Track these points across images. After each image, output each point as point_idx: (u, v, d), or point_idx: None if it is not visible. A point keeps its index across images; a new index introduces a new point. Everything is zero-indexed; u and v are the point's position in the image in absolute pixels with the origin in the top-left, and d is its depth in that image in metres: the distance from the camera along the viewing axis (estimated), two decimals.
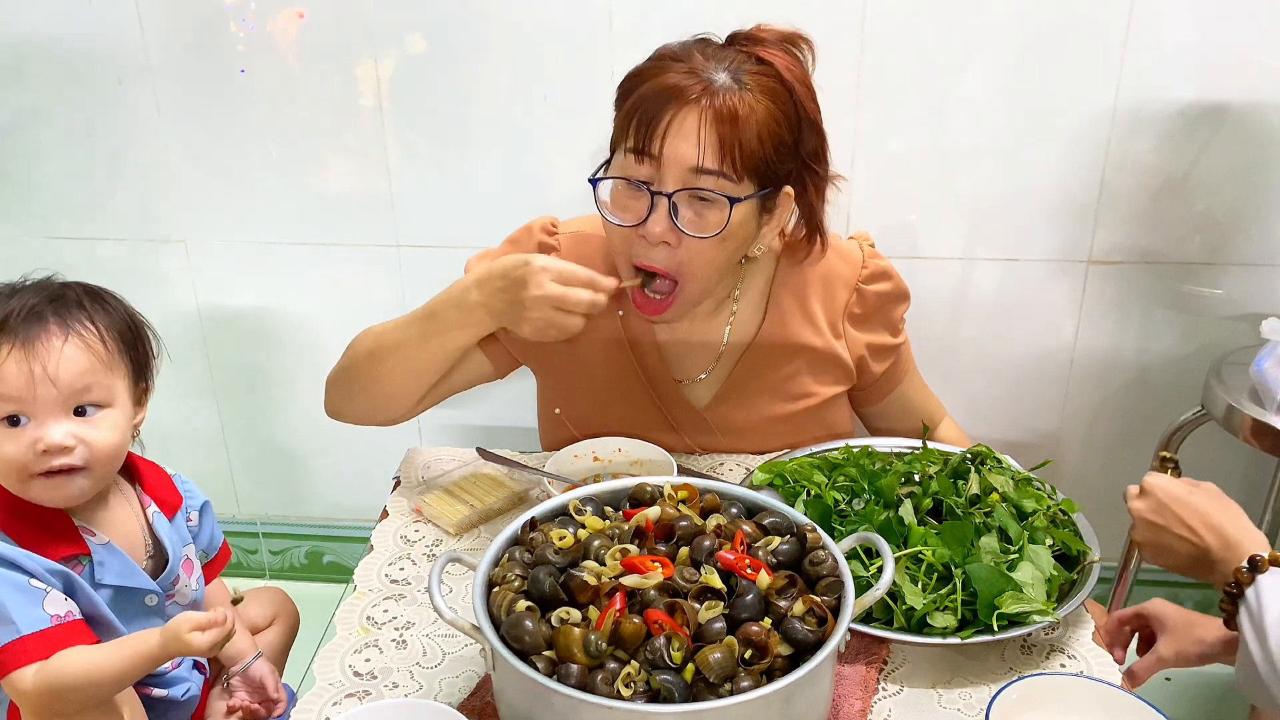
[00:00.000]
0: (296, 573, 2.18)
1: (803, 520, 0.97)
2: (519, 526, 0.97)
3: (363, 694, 1.01)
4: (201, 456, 2.04)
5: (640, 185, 1.17)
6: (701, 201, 1.17)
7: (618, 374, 1.38)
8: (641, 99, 1.16)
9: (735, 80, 1.16)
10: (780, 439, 1.40)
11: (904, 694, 1.01)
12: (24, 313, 1.04)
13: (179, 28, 1.69)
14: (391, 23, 1.65)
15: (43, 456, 1.03)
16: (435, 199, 1.77)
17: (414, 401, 1.31)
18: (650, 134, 1.15)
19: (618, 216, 1.21)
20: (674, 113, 1.14)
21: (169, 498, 1.21)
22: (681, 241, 1.18)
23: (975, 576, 1.04)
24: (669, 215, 1.17)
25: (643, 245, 1.20)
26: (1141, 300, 1.73)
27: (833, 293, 1.37)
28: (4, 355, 1.02)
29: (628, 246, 1.22)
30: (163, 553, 1.16)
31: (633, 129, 1.17)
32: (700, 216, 1.18)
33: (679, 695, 0.80)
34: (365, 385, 1.30)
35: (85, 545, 1.08)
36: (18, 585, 1.01)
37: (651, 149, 1.15)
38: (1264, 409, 1.46)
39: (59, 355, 1.03)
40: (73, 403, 1.05)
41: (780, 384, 1.38)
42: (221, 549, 1.29)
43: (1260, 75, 1.55)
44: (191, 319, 1.91)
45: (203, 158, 1.78)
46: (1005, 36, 1.57)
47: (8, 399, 1.02)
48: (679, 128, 1.14)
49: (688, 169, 1.15)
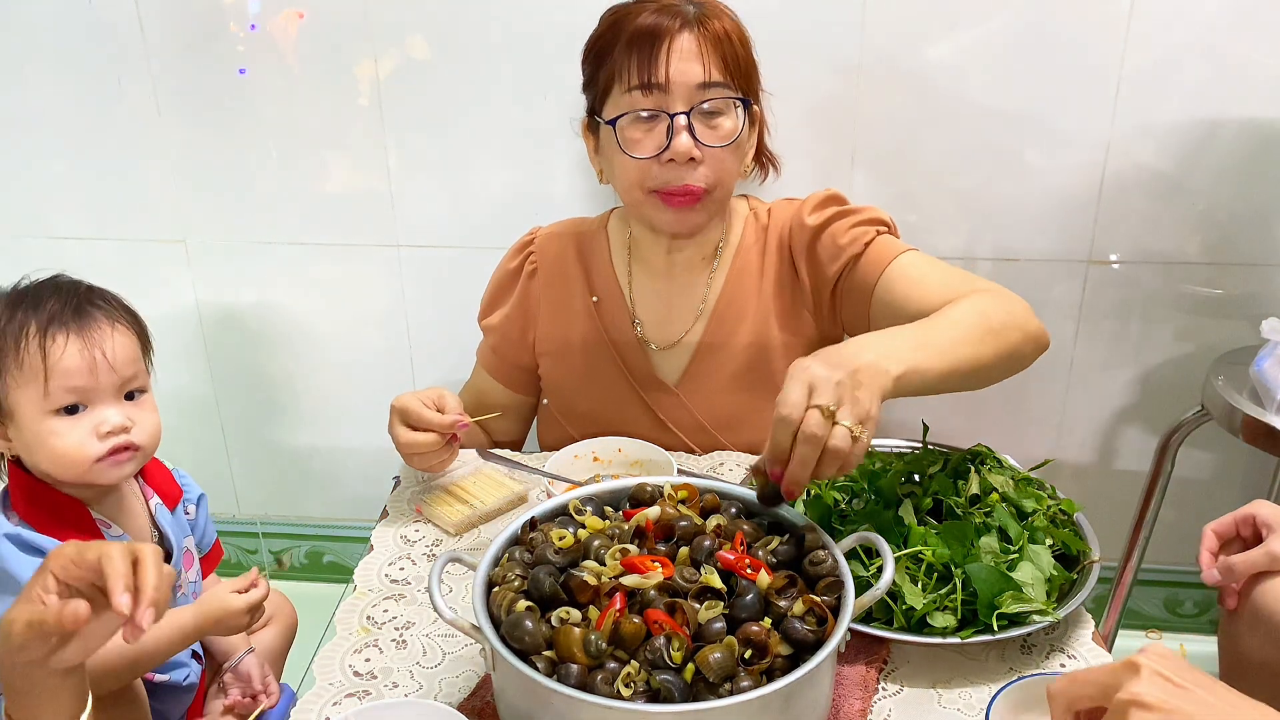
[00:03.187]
0: (296, 573, 2.18)
1: (803, 520, 0.97)
2: (519, 526, 0.97)
3: (363, 694, 1.01)
4: (201, 456, 2.04)
5: (655, 113, 1.25)
6: (712, 115, 1.26)
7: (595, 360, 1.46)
8: (634, 38, 1.25)
9: (699, 8, 1.27)
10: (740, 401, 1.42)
11: (904, 694, 1.01)
12: (71, 306, 1.09)
13: (179, 28, 1.69)
14: (391, 23, 1.65)
15: (106, 439, 1.08)
16: (435, 199, 1.77)
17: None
18: (654, 64, 1.23)
19: (639, 151, 1.27)
20: (670, 40, 1.23)
21: (169, 490, 1.23)
22: (705, 156, 1.26)
23: (975, 576, 1.04)
24: (689, 133, 1.24)
25: (669, 170, 1.27)
26: (1141, 300, 1.73)
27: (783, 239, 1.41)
28: (64, 346, 1.06)
29: (647, 181, 1.29)
30: (166, 544, 1.18)
31: (633, 67, 1.24)
32: (715, 128, 1.27)
33: (679, 695, 0.80)
34: None
35: (102, 536, 1.11)
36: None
37: (658, 78, 1.24)
38: (1264, 409, 1.46)
39: (112, 343, 1.09)
40: (125, 389, 1.11)
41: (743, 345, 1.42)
42: (215, 545, 1.31)
43: (1260, 75, 1.55)
44: (191, 319, 1.91)
45: (203, 158, 1.78)
46: (1006, 35, 1.57)
47: (73, 390, 1.07)
48: (679, 52, 1.23)
49: (694, 87, 1.24)
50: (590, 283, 1.46)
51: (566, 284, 1.46)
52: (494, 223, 1.74)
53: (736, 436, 1.43)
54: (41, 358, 1.05)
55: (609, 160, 1.33)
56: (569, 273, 1.46)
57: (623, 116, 1.27)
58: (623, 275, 1.45)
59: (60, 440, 1.07)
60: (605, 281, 1.45)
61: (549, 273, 1.47)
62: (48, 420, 1.07)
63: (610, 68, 1.28)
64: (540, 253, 1.47)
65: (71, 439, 1.07)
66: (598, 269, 1.46)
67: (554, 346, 1.47)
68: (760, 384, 1.41)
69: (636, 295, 1.45)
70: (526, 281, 1.47)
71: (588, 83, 1.35)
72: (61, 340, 1.06)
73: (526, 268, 1.47)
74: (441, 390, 1.28)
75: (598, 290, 1.45)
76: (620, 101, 1.28)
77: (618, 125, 1.28)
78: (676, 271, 1.43)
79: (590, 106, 1.36)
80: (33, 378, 1.05)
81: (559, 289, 1.46)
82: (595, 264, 1.46)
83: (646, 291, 1.44)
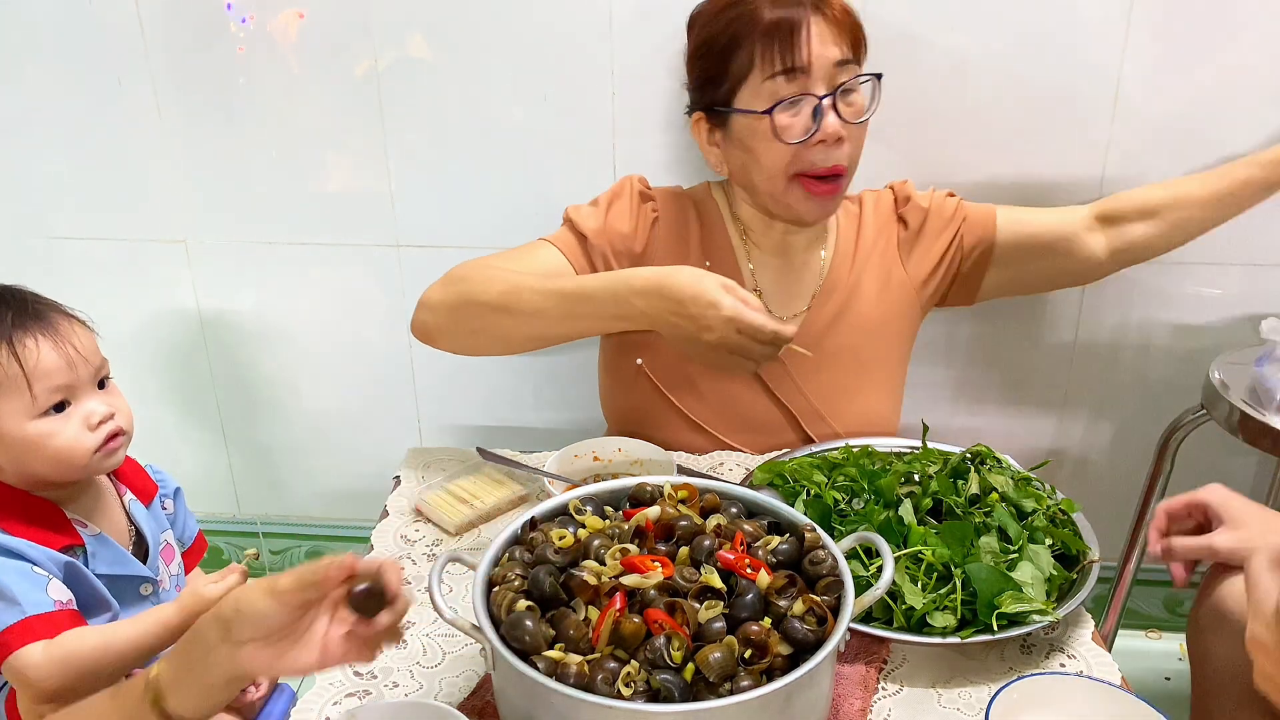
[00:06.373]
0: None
1: (803, 520, 0.97)
2: (519, 526, 0.97)
3: (363, 694, 1.01)
4: (201, 456, 2.04)
5: (802, 98, 1.28)
6: (848, 93, 1.29)
7: None
8: (770, 27, 1.26)
9: None
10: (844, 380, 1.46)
11: (904, 694, 1.01)
12: (26, 311, 1.09)
13: (179, 28, 1.69)
14: (391, 23, 1.65)
15: (98, 429, 1.10)
16: (435, 199, 1.77)
17: (523, 350, 1.39)
18: (794, 51, 1.26)
19: (789, 137, 1.29)
20: (804, 24, 1.26)
21: (143, 485, 1.23)
22: (850, 134, 1.30)
23: (975, 576, 1.04)
24: (836, 113, 1.28)
25: (817, 152, 1.29)
26: (1141, 300, 1.73)
27: (881, 230, 1.48)
28: (37, 349, 1.07)
29: (795, 165, 1.31)
30: (143, 541, 1.18)
31: (776, 52, 1.26)
32: (852, 105, 1.30)
33: (679, 695, 0.80)
34: (480, 329, 1.31)
35: (79, 536, 1.11)
36: (21, 571, 1.04)
37: (800, 62, 1.26)
38: (1264, 409, 1.46)
39: (78, 336, 1.11)
40: (97, 377, 1.13)
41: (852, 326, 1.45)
42: (197, 538, 1.31)
43: (1260, 76, 1.55)
44: (191, 319, 1.91)
45: (203, 158, 1.78)
46: (1005, 33, 1.57)
47: (58, 388, 1.08)
48: (816, 35, 1.26)
49: (832, 66, 1.27)
50: (705, 248, 1.45)
51: (684, 244, 1.44)
52: (494, 223, 1.74)
53: (840, 415, 1.45)
54: (18, 365, 1.06)
55: (748, 150, 1.33)
56: (689, 233, 1.45)
57: (777, 105, 1.28)
58: (738, 246, 1.45)
59: (57, 439, 1.08)
60: (721, 249, 1.45)
61: (669, 226, 1.44)
62: (36, 424, 1.07)
63: (742, 59, 1.29)
64: (663, 206, 1.44)
65: (67, 436, 1.08)
66: (713, 236, 1.45)
67: None
68: (861, 365, 1.46)
69: (755, 267, 1.45)
70: (650, 226, 1.43)
71: (708, 80, 1.34)
72: (32, 344, 1.07)
73: (649, 213, 1.44)
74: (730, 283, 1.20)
75: (711, 256, 1.44)
76: (761, 90, 1.29)
77: (772, 114, 1.28)
78: (791, 252, 1.45)
79: (710, 101, 1.35)
80: (13, 387, 1.06)
81: (675, 247, 1.43)
82: (711, 231, 1.45)
83: (763, 264, 1.45)
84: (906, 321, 1.49)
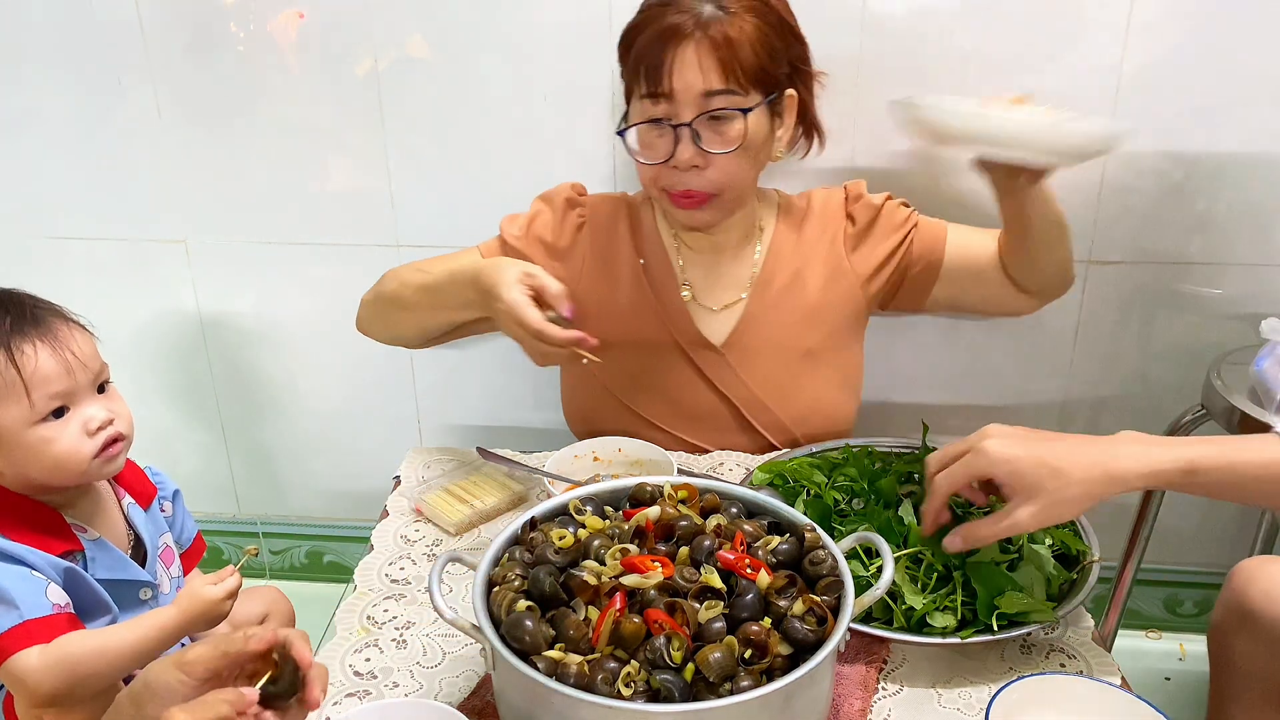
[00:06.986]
0: (296, 573, 2.18)
1: (803, 520, 0.97)
2: (519, 526, 0.97)
3: (363, 694, 1.01)
4: (201, 456, 2.04)
5: (660, 122, 1.30)
6: (718, 121, 1.29)
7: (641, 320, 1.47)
8: (643, 47, 1.29)
9: (720, 8, 1.27)
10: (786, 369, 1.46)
11: (904, 694, 1.01)
12: (28, 313, 1.09)
13: (179, 28, 1.69)
14: (391, 23, 1.65)
15: (97, 434, 1.09)
16: (435, 199, 1.77)
17: (426, 342, 1.46)
18: (658, 75, 1.27)
19: (648, 156, 1.33)
20: (675, 51, 1.26)
21: (142, 488, 1.23)
22: (710, 161, 1.31)
23: (975, 576, 1.04)
24: (693, 141, 1.29)
25: (675, 175, 1.32)
26: (1141, 300, 1.73)
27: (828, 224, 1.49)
28: (35, 355, 1.06)
29: (660, 181, 1.34)
30: (141, 544, 1.18)
31: (643, 76, 1.29)
32: (720, 135, 1.30)
33: (679, 695, 0.80)
34: (391, 321, 1.45)
35: (78, 541, 1.11)
36: (19, 575, 1.04)
37: (663, 88, 1.27)
38: (1264, 409, 1.46)
39: (76, 341, 1.10)
40: (97, 382, 1.12)
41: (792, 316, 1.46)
42: (196, 540, 1.31)
43: (1260, 75, 1.55)
44: (191, 319, 1.91)
45: (203, 158, 1.78)
46: (1005, 32, 1.56)
47: (57, 394, 1.08)
48: (682, 62, 1.26)
49: (699, 95, 1.27)
50: (638, 247, 1.48)
51: (614, 245, 1.48)
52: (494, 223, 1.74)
53: (785, 404, 1.46)
54: (16, 371, 1.05)
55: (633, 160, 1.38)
56: (617, 235, 1.48)
57: (632, 126, 1.33)
58: (670, 244, 1.48)
59: (56, 445, 1.07)
60: (653, 248, 1.48)
61: (598, 231, 1.48)
62: (35, 430, 1.07)
63: (629, 77, 1.34)
64: (592, 211, 1.49)
65: (66, 441, 1.08)
66: (645, 235, 1.49)
67: (596, 308, 1.46)
68: (807, 353, 1.47)
69: (685, 263, 1.48)
70: (574, 231, 1.48)
71: (625, 91, 1.38)
72: (30, 350, 1.06)
73: (575, 219, 1.48)
74: (528, 268, 1.22)
75: (645, 254, 1.48)
76: (636, 108, 1.33)
77: (626, 135, 1.33)
78: (721, 249, 1.47)
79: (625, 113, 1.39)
80: (11, 394, 1.05)
81: (606, 249, 1.48)
82: (643, 231, 1.49)
83: (693, 261, 1.48)
84: (852, 309, 1.49)
